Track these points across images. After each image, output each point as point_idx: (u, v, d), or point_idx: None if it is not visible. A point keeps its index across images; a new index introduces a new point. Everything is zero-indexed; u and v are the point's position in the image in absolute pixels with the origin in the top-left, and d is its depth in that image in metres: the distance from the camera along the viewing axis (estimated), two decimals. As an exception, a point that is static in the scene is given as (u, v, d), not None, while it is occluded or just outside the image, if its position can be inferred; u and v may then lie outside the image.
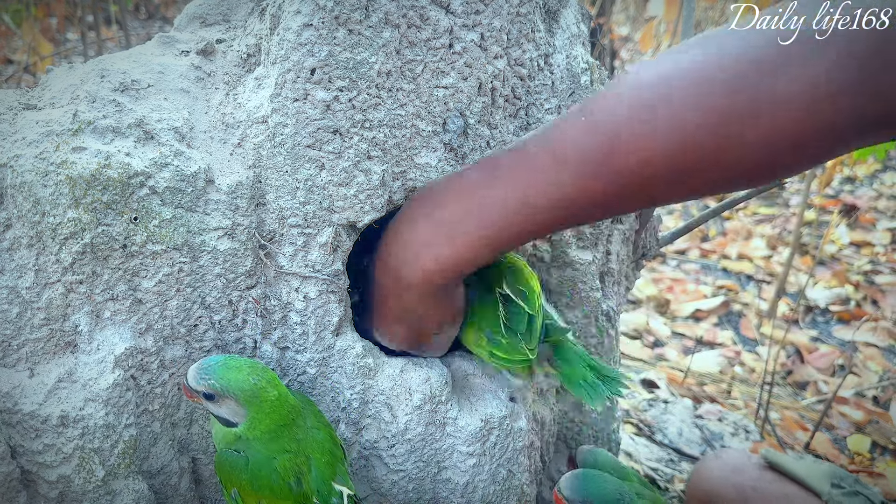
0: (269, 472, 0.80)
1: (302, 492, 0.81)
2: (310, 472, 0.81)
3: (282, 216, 0.87)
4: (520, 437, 0.97)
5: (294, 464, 0.81)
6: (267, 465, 0.80)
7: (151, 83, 0.89)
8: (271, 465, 0.80)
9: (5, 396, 0.78)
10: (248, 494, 0.80)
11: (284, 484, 0.80)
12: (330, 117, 0.85)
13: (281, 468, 0.80)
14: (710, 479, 1.14)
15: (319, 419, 0.86)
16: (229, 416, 0.81)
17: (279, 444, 0.81)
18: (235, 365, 0.81)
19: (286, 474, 0.80)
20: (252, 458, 0.80)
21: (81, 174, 0.78)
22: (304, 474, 0.81)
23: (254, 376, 0.80)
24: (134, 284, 0.83)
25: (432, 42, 0.87)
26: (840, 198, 3.53)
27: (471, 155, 0.93)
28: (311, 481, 0.81)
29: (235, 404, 0.80)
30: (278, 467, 0.80)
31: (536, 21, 0.95)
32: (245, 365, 0.81)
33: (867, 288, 2.89)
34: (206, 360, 0.81)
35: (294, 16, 0.83)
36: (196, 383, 0.80)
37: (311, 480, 0.81)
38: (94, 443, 0.81)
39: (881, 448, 1.92)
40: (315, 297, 0.89)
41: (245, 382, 0.80)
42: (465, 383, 1.00)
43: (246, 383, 0.80)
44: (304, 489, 0.81)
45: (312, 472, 0.81)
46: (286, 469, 0.80)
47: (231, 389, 0.79)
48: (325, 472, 0.82)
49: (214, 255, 0.86)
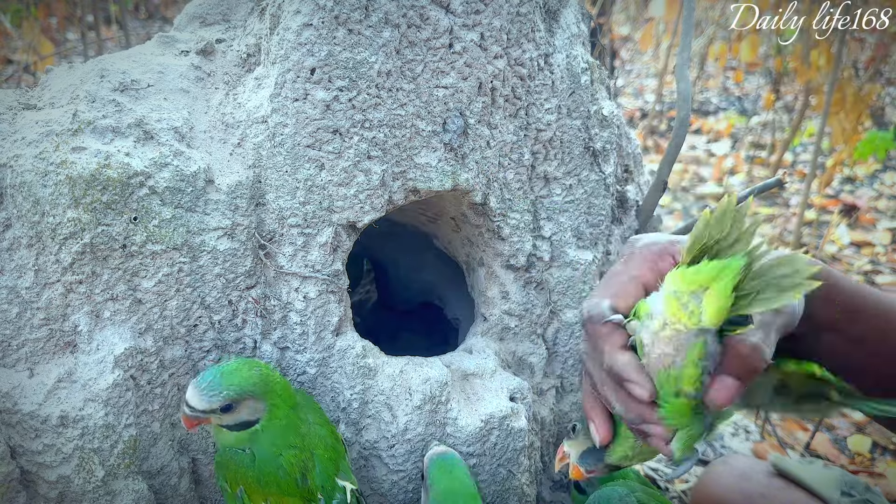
0: (275, 469, 0.80)
1: (307, 487, 0.81)
2: (314, 468, 0.81)
3: (282, 216, 0.87)
4: (520, 437, 0.97)
5: (300, 459, 0.81)
6: (273, 462, 0.80)
7: (151, 83, 0.89)
8: (278, 461, 0.80)
9: (5, 396, 0.78)
10: (255, 492, 0.80)
11: (291, 480, 0.80)
12: (330, 117, 0.84)
13: (287, 464, 0.80)
14: (717, 486, 1.13)
15: (320, 415, 0.86)
16: (249, 416, 0.80)
17: (287, 437, 0.81)
18: (232, 369, 0.80)
19: (292, 470, 0.80)
20: (259, 455, 0.80)
21: (81, 174, 0.78)
22: (308, 470, 0.81)
23: (254, 368, 0.80)
24: (134, 284, 0.83)
25: (432, 42, 0.87)
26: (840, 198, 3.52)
27: (471, 155, 0.93)
28: (315, 477, 0.81)
29: (254, 401, 0.80)
30: (284, 463, 0.80)
31: (536, 21, 0.95)
32: (239, 364, 0.81)
33: (867, 288, 2.88)
34: (199, 382, 0.79)
35: (294, 15, 0.83)
36: (209, 403, 0.77)
37: (315, 476, 0.81)
38: (94, 443, 0.81)
39: (881, 448, 1.92)
40: (315, 297, 0.89)
41: (253, 377, 0.79)
42: (465, 383, 1.00)
43: (254, 377, 0.79)
44: (310, 485, 0.81)
45: (316, 468, 0.81)
46: (292, 465, 0.80)
47: (246, 389, 0.78)
48: (328, 467, 0.82)
49: (214, 255, 0.86)
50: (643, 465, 1.63)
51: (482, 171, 0.95)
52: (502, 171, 0.98)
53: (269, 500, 0.80)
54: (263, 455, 0.80)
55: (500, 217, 0.99)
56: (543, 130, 0.99)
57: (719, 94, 5.03)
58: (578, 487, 1.01)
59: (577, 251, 1.06)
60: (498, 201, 0.98)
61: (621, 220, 1.14)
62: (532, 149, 0.99)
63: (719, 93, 5.06)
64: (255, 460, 0.80)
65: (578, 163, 1.03)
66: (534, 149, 0.99)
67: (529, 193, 1.01)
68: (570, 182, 1.03)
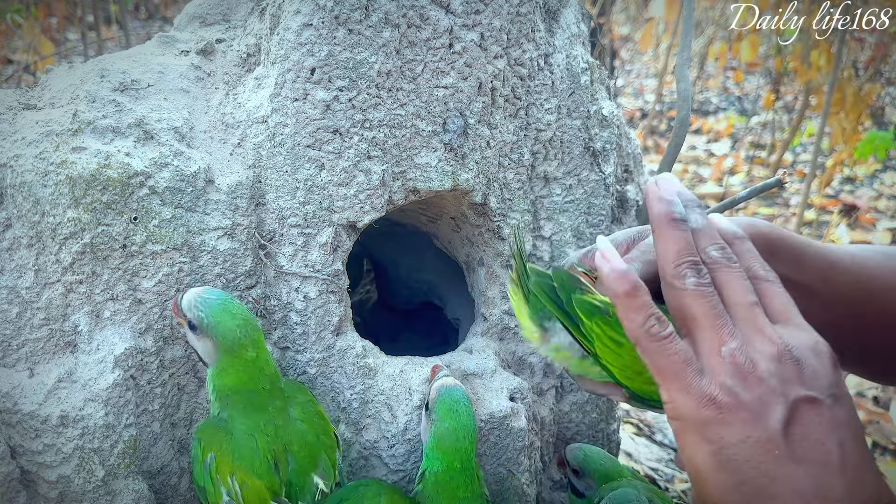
0: (252, 447, 0.79)
1: (277, 479, 0.79)
2: (286, 463, 0.80)
3: (282, 216, 0.87)
4: (520, 437, 0.97)
5: (271, 448, 0.80)
6: (250, 441, 0.79)
7: (151, 83, 0.89)
8: (253, 441, 0.79)
9: (5, 396, 0.78)
10: (224, 463, 0.78)
11: (265, 462, 0.79)
12: (330, 117, 0.84)
13: (261, 447, 0.79)
14: None
15: (306, 411, 0.84)
16: (203, 353, 0.80)
17: (254, 419, 0.80)
18: (232, 310, 0.79)
19: (265, 455, 0.79)
20: (236, 430, 0.79)
21: (81, 174, 0.78)
22: (281, 462, 0.80)
23: (242, 329, 0.78)
24: (134, 284, 0.83)
25: (432, 42, 0.87)
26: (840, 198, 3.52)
27: (471, 155, 0.93)
28: (286, 472, 0.80)
29: (213, 347, 0.79)
30: (259, 445, 0.79)
31: (536, 21, 0.95)
32: (240, 314, 0.79)
33: (867, 288, 2.88)
34: (209, 290, 0.80)
35: (294, 15, 0.83)
36: (188, 309, 0.78)
37: (286, 471, 0.80)
38: (94, 443, 0.81)
39: (881, 448, 1.92)
40: (315, 297, 0.89)
41: (231, 332, 0.78)
42: (465, 383, 1.00)
43: (231, 333, 0.78)
44: (281, 477, 0.80)
45: (290, 464, 0.80)
46: (265, 450, 0.79)
47: (215, 331, 0.78)
48: (303, 464, 0.81)
49: (214, 255, 0.86)
50: (643, 465, 1.63)
51: (482, 171, 0.95)
52: (502, 171, 0.98)
53: (234, 475, 0.78)
54: (240, 431, 0.79)
55: (500, 217, 0.99)
56: (543, 130, 0.99)
57: (719, 94, 5.03)
58: (575, 490, 1.01)
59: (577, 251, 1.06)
60: (498, 201, 0.98)
61: (621, 220, 1.14)
62: (532, 149, 0.99)
63: (719, 93, 5.06)
64: (234, 434, 0.79)
65: (578, 163, 1.03)
66: (534, 149, 0.99)
67: (529, 193, 1.01)
68: (570, 182, 1.03)
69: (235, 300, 0.81)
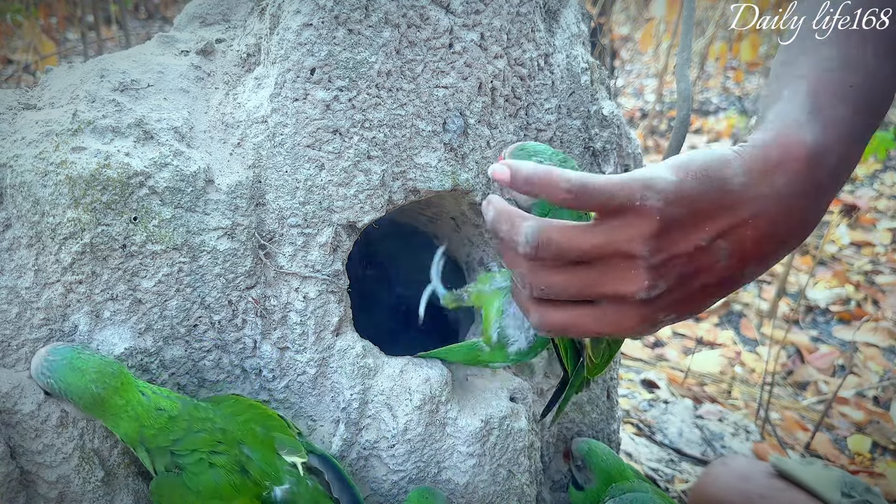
0: (208, 476, 0.76)
1: (252, 479, 0.78)
2: (249, 458, 0.78)
3: (282, 216, 0.87)
4: (520, 437, 0.97)
5: (231, 456, 0.77)
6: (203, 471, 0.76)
7: (151, 83, 0.89)
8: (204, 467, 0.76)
9: (5, 396, 0.78)
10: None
11: (228, 481, 0.76)
12: (330, 117, 0.84)
13: (220, 465, 0.76)
14: (716, 486, 1.13)
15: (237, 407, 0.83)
16: (77, 416, 0.77)
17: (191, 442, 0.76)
18: (80, 366, 0.74)
19: (230, 469, 0.77)
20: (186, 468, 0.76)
21: (81, 174, 0.78)
22: (245, 462, 0.78)
23: (97, 384, 0.73)
24: (133, 284, 0.83)
25: (432, 42, 0.87)
26: (840, 198, 3.52)
27: (471, 155, 0.93)
28: (254, 467, 0.78)
29: (77, 409, 0.75)
30: (217, 463, 0.76)
31: (536, 21, 0.95)
32: (91, 368, 0.74)
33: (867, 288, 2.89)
34: (53, 349, 0.75)
35: (294, 15, 0.83)
36: (37, 377, 0.74)
37: (254, 466, 0.78)
38: (94, 443, 0.81)
39: (881, 448, 1.92)
40: (315, 297, 0.89)
41: (86, 391, 0.73)
42: (466, 383, 1.00)
43: (87, 391, 0.73)
44: (254, 476, 0.78)
45: (252, 457, 0.78)
46: (226, 465, 0.77)
47: (70, 395, 0.73)
48: (263, 451, 0.79)
49: (214, 255, 0.86)
50: (643, 465, 1.63)
51: (482, 171, 0.95)
52: (502, 171, 0.98)
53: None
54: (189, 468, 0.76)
55: (500, 217, 0.99)
56: (543, 130, 0.99)
57: (719, 94, 5.03)
58: (576, 484, 1.01)
59: (577, 251, 1.06)
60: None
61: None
62: (532, 149, 0.99)
63: (719, 93, 5.06)
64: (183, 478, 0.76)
65: (578, 163, 1.03)
66: (534, 149, 0.99)
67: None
68: (570, 182, 1.03)
69: (84, 351, 0.76)
